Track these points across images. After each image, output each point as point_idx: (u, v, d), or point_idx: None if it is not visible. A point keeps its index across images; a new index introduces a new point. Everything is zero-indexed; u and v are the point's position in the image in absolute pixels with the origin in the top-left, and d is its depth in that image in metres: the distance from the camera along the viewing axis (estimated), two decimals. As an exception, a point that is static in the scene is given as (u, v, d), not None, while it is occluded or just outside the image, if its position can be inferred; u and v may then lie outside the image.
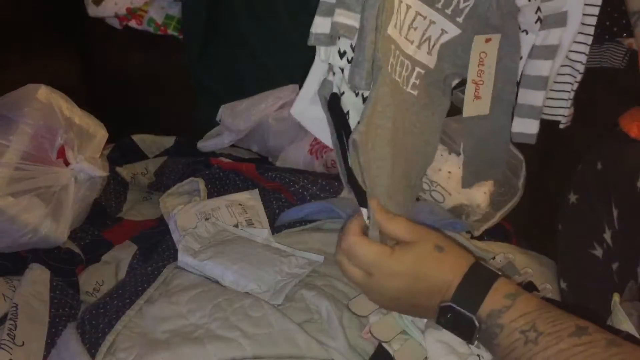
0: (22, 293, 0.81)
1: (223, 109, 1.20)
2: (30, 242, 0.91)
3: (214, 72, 1.25)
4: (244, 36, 1.20)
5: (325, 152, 1.12)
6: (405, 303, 0.65)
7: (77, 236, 0.99)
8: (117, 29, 1.25)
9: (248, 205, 0.93)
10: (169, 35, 1.26)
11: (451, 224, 0.88)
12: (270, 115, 1.15)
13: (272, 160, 1.21)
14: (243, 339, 0.68)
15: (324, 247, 0.86)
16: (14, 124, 0.92)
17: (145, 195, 1.16)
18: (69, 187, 0.95)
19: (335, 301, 0.73)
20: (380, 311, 0.72)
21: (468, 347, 0.67)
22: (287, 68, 1.19)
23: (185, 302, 0.74)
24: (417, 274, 0.63)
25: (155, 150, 1.25)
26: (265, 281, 0.76)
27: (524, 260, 0.86)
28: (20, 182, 0.89)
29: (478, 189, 1.02)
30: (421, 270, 0.63)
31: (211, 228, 0.86)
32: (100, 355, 0.69)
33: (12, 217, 0.88)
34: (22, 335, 0.75)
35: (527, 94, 0.82)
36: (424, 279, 0.63)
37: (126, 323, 0.73)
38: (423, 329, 0.69)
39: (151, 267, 0.82)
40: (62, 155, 0.96)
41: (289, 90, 1.16)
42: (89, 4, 1.21)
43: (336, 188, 0.97)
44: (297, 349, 0.68)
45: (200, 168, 1.07)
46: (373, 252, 0.63)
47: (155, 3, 1.23)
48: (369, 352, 0.69)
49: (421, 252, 0.63)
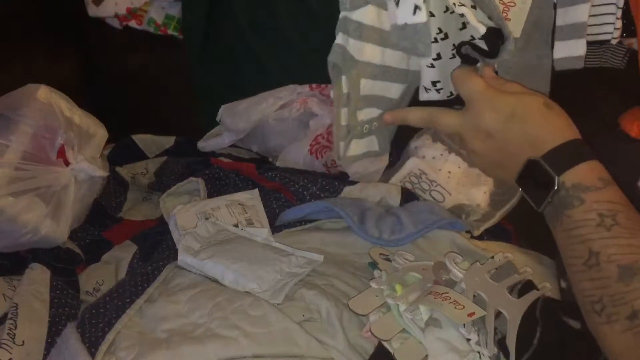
0: (22, 293, 0.81)
1: (223, 109, 1.20)
2: (30, 242, 0.91)
3: (214, 72, 1.25)
4: (244, 36, 1.20)
5: (325, 152, 1.12)
6: (494, 147, 0.67)
7: (77, 236, 0.99)
8: (117, 29, 1.25)
9: (248, 205, 0.93)
10: (169, 35, 1.26)
11: (451, 223, 0.88)
12: (270, 115, 1.15)
13: (272, 160, 1.20)
14: (243, 338, 0.68)
15: (323, 246, 0.86)
16: (14, 124, 0.92)
17: (145, 195, 1.16)
18: (69, 187, 0.95)
19: (335, 300, 0.73)
20: (380, 310, 0.72)
21: (468, 345, 0.67)
22: (287, 68, 1.19)
23: (185, 301, 0.74)
24: (516, 115, 0.64)
25: (155, 150, 1.25)
26: (265, 280, 0.76)
27: (523, 259, 0.86)
28: (20, 182, 0.89)
29: (478, 188, 1.02)
30: (522, 114, 0.64)
31: (211, 228, 0.87)
32: (100, 354, 0.68)
33: (12, 217, 0.88)
34: (22, 334, 0.75)
35: (567, 13, 0.77)
36: (524, 124, 0.64)
37: (126, 322, 0.73)
38: (423, 328, 0.69)
39: (151, 267, 0.82)
40: (62, 155, 0.96)
41: (289, 90, 1.16)
42: (89, 4, 1.21)
43: (336, 188, 0.97)
44: (297, 348, 0.68)
45: (200, 168, 1.07)
46: (478, 86, 0.67)
47: (155, 3, 1.23)
48: (368, 351, 0.69)
49: (526, 100, 0.65)
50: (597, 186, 0.59)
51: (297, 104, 1.14)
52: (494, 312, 0.70)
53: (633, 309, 0.51)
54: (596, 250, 0.56)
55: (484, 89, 0.68)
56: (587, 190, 0.59)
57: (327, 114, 1.12)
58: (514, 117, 0.65)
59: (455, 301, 0.69)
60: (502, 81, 0.71)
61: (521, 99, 0.66)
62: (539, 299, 0.72)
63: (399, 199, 0.96)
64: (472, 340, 0.68)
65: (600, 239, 0.56)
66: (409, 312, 0.70)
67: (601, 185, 0.59)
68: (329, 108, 1.13)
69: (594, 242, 0.56)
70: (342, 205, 0.89)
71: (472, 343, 0.68)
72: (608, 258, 0.55)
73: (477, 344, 0.68)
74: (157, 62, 1.29)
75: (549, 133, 0.63)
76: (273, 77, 1.19)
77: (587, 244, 0.57)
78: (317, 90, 1.15)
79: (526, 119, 0.65)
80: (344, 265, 0.82)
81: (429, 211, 0.90)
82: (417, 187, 1.06)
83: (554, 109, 0.65)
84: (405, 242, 0.85)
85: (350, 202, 0.92)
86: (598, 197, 0.58)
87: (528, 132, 0.64)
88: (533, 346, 0.67)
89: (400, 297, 0.72)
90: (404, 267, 0.79)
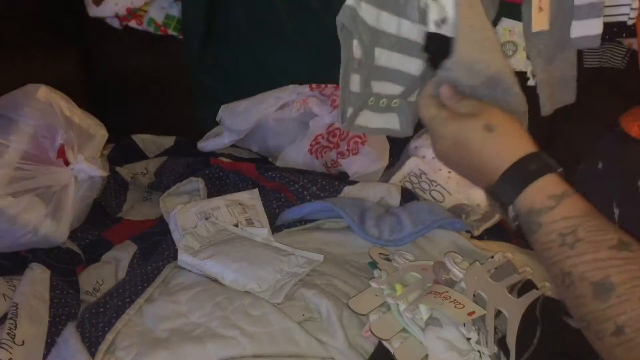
0: (22, 292, 0.81)
1: (223, 109, 1.20)
2: (30, 242, 0.91)
3: (214, 72, 1.25)
4: (244, 36, 1.20)
5: (325, 152, 1.12)
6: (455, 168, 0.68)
7: (77, 236, 0.99)
8: (117, 29, 1.25)
9: (248, 205, 0.93)
10: (169, 35, 1.26)
11: (451, 223, 0.88)
12: (270, 115, 1.15)
13: (272, 160, 1.21)
14: (243, 337, 0.68)
15: (323, 246, 0.86)
16: (14, 124, 0.92)
17: (145, 195, 1.16)
18: (69, 187, 0.95)
19: (335, 300, 0.73)
20: (380, 310, 0.72)
21: (468, 344, 0.67)
22: (287, 68, 1.19)
23: (185, 301, 0.74)
24: (459, 144, 0.64)
25: (155, 150, 1.25)
26: (265, 280, 0.76)
27: (523, 259, 0.86)
28: (20, 182, 0.89)
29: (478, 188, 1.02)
30: (463, 142, 0.64)
31: (211, 227, 0.87)
32: (100, 353, 0.68)
33: (12, 217, 0.88)
34: (22, 334, 0.75)
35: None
36: (468, 152, 0.64)
37: (126, 322, 0.73)
38: (423, 327, 0.69)
39: (151, 267, 0.82)
40: (62, 155, 0.96)
41: (289, 91, 1.16)
42: (89, 4, 1.21)
43: (336, 188, 0.97)
44: (297, 348, 0.68)
45: (200, 168, 1.07)
46: (429, 114, 0.67)
47: (155, 3, 1.23)
48: (368, 351, 0.69)
49: (466, 126, 0.64)
50: (550, 206, 0.58)
51: (297, 104, 1.14)
52: (494, 312, 0.70)
53: (617, 325, 0.51)
54: (567, 270, 0.56)
55: (432, 117, 0.67)
56: (541, 214, 0.58)
57: (327, 114, 1.13)
58: (457, 146, 0.65)
59: (455, 300, 0.69)
60: (457, 99, 0.67)
61: (462, 125, 0.64)
62: (538, 298, 0.72)
63: (399, 198, 0.96)
64: (472, 339, 0.68)
65: (567, 258, 0.56)
66: (409, 311, 0.70)
67: (553, 203, 0.58)
68: (329, 108, 1.13)
69: (563, 263, 0.56)
70: (342, 205, 0.89)
71: (472, 342, 0.68)
72: (580, 276, 0.54)
73: (477, 343, 0.68)
74: (157, 62, 1.29)
75: (491, 160, 0.62)
76: (273, 77, 1.19)
77: (558, 265, 0.57)
78: (317, 90, 1.15)
79: (467, 147, 0.64)
80: (344, 265, 0.82)
81: (429, 211, 0.90)
82: (417, 187, 1.06)
83: (496, 130, 0.62)
84: (405, 241, 0.85)
85: (350, 202, 0.92)
86: (553, 217, 0.58)
87: (472, 161, 0.64)
88: (533, 345, 0.67)
89: (400, 297, 0.72)
90: (404, 266, 0.79)
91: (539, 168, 0.60)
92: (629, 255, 0.53)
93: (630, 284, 0.51)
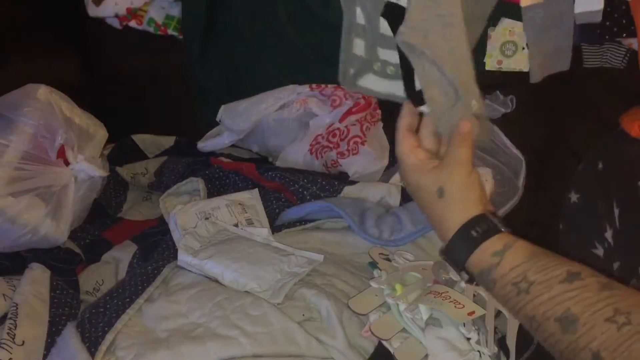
0: (22, 292, 0.81)
1: (223, 109, 1.20)
2: (30, 242, 0.91)
3: (214, 72, 1.25)
4: (244, 36, 1.20)
5: (325, 152, 1.12)
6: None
7: (77, 236, 0.99)
8: (117, 29, 1.25)
9: (248, 205, 0.93)
10: (169, 35, 1.26)
11: (451, 223, 0.88)
12: (270, 115, 1.15)
13: (272, 160, 1.21)
14: (243, 337, 0.68)
15: (323, 246, 0.86)
16: (14, 124, 0.92)
17: (145, 195, 1.16)
18: (69, 187, 0.96)
19: (335, 300, 0.73)
20: (380, 310, 0.72)
21: (468, 344, 0.67)
22: (287, 68, 1.19)
23: (185, 301, 0.74)
24: (416, 196, 0.70)
25: (155, 150, 1.25)
26: (265, 280, 0.76)
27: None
28: (20, 182, 0.90)
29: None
30: (419, 197, 0.69)
31: (211, 227, 0.87)
32: (100, 353, 0.68)
33: (12, 217, 0.88)
34: (22, 334, 0.75)
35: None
36: (423, 207, 0.69)
37: (126, 322, 0.73)
38: (423, 327, 0.69)
39: (151, 267, 0.82)
40: (62, 155, 0.96)
41: (289, 91, 1.16)
42: (89, 4, 1.21)
43: (336, 188, 0.97)
44: (297, 348, 0.68)
45: (200, 168, 1.07)
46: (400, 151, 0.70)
47: (155, 3, 1.23)
48: (368, 351, 0.69)
49: (421, 186, 0.68)
50: (495, 262, 0.60)
51: (297, 104, 1.14)
52: (494, 311, 0.70)
53: (592, 352, 0.52)
54: (530, 314, 0.57)
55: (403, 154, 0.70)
56: (491, 271, 0.61)
57: (327, 114, 1.13)
58: (415, 196, 0.70)
59: (455, 300, 0.69)
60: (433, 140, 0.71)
61: (420, 182, 0.68)
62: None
63: (399, 198, 0.96)
64: (472, 339, 0.68)
65: (527, 304, 0.57)
66: (409, 311, 0.70)
67: (497, 260, 0.60)
68: (329, 108, 1.13)
69: (525, 309, 0.58)
70: (342, 205, 0.89)
71: (472, 342, 0.68)
72: (543, 317, 0.56)
73: (477, 343, 0.68)
74: (157, 62, 1.29)
75: (439, 223, 0.66)
76: (273, 77, 1.19)
77: (521, 312, 0.59)
78: (317, 90, 1.15)
79: (421, 205, 0.69)
80: (344, 265, 0.82)
81: (429, 211, 0.90)
82: (417, 187, 1.05)
83: (444, 195, 0.65)
84: (405, 241, 0.85)
85: (350, 202, 0.92)
86: (502, 271, 0.60)
87: (431, 219, 0.68)
88: (533, 345, 0.67)
89: (400, 297, 0.72)
90: (404, 266, 0.79)
91: (483, 232, 0.63)
92: (581, 284, 0.55)
93: (590, 310, 0.53)
